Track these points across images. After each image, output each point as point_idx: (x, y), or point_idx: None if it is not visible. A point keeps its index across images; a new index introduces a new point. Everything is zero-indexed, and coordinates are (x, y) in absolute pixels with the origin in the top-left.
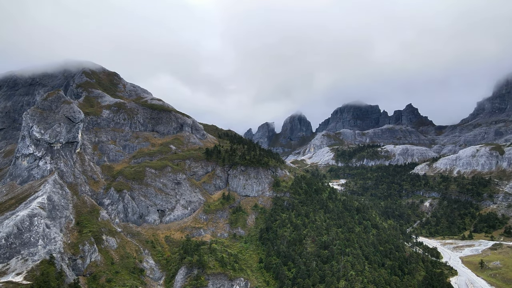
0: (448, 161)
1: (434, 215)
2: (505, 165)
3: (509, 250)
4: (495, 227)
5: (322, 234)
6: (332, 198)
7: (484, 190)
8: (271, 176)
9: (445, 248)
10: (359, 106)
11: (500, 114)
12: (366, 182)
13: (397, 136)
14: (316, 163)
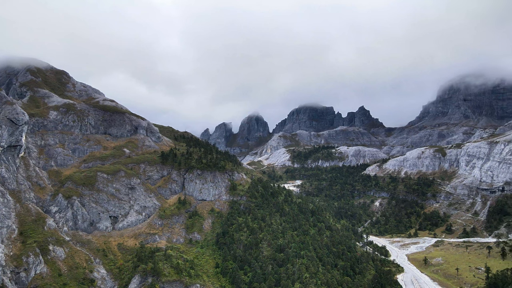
0: (397, 163)
1: (383, 214)
2: (447, 166)
3: (450, 246)
4: (438, 224)
5: (278, 237)
6: (288, 201)
7: (428, 190)
8: (228, 180)
9: (393, 246)
10: (315, 108)
11: (443, 117)
12: (321, 183)
13: (350, 138)
14: (273, 164)
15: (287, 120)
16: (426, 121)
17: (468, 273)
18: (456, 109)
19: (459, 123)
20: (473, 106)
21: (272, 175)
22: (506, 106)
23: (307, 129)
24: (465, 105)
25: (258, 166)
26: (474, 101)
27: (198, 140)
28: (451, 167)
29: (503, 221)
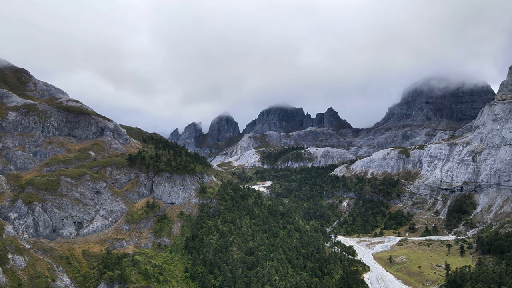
0: (364, 163)
1: (351, 214)
2: (410, 167)
3: (413, 245)
4: (402, 223)
5: (248, 240)
6: (258, 204)
7: (393, 190)
8: (198, 183)
9: (360, 245)
10: (285, 109)
11: (407, 119)
12: (291, 184)
13: (319, 138)
14: (243, 165)
15: (257, 121)
16: (391, 123)
17: (429, 271)
18: (419, 111)
19: (422, 125)
20: (434, 108)
21: (242, 176)
22: (464, 109)
23: (277, 130)
24: (427, 107)
25: (228, 167)
26: (436, 104)
27: (167, 141)
28: (415, 168)
29: (461, 219)
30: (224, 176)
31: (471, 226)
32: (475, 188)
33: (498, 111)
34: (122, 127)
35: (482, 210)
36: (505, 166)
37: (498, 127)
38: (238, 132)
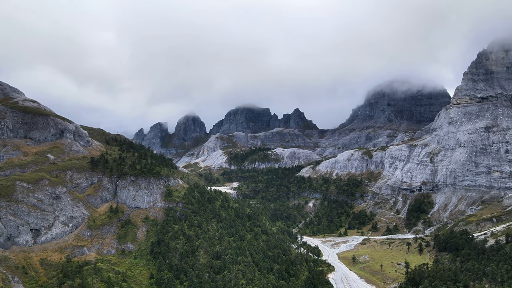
0: (329, 164)
1: (316, 215)
2: (373, 168)
3: (375, 244)
4: (365, 223)
5: (214, 244)
6: (225, 206)
7: (356, 190)
8: (164, 186)
9: (325, 245)
10: (252, 109)
11: (370, 120)
12: (258, 185)
13: (286, 139)
14: (210, 166)
15: (224, 121)
16: (355, 124)
17: (390, 269)
18: (382, 113)
19: (384, 126)
20: (396, 110)
21: (209, 177)
22: (423, 112)
23: (244, 130)
24: (389, 109)
25: (195, 168)
26: (397, 106)
27: (132, 143)
28: (377, 169)
29: (420, 218)
30: (190, 178)
31: (429, 224)
32: (432, 188)
33: (454, 115)
34: (83, 128)
35: (439, 209)
36: (460, 167)
37: (453, 129)
38: (205, 132)
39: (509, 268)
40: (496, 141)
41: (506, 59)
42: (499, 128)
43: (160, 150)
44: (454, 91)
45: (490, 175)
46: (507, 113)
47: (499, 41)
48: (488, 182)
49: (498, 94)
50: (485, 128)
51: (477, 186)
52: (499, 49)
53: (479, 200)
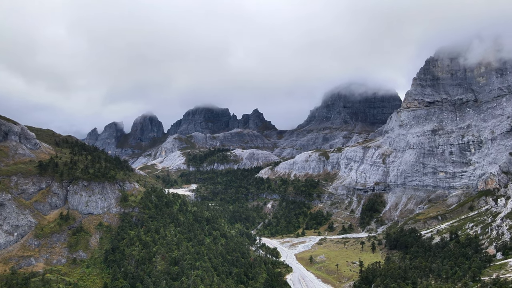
0: (287, 166)
1: (275, 216)
2: (330, 169)
3: (331, 243)
4: (322, 223)
5: (172, 250)
6: (183, 210)
7: (314, 191)
8: (119, 191)
9: (283, 246)
10: (211, 109)
11: (327, 122)
12: (216, 187)
13: (245, 140)
14: (168, 167)
15: (183, 121)
16: (312, 125)
17: (346, 268)
18: (338, 115)
19: (340, 128)
20: (351, 112)
21: (167, 179)
22: (376, 114)
23: (203, 130)
24: (345, 111)
25: (152, 170)
26: (352, 108)
27: (85, 145)
28: (333, 169)
29: (373, 217)
30: (147, 181)
31: (381, 223)
32: (384, 188)
33: (404, 118)
34: (31, 129)
35: (390, 208)
36: (409, 167)
37: (403, 132)
38: (163, 133)
39: (453, 265)
40: (441, 144)
41: (451, 66)
42: (444, 131)
43: (115, 150)
44: (405, 95)
45: (436, 176)
46: (451, 117)
47: (445, 49)
48: (434, 182)
49: (443, 99)
50: (432, 131)
51: (424, 186)
52: (444, 57)
53: (426, 199)
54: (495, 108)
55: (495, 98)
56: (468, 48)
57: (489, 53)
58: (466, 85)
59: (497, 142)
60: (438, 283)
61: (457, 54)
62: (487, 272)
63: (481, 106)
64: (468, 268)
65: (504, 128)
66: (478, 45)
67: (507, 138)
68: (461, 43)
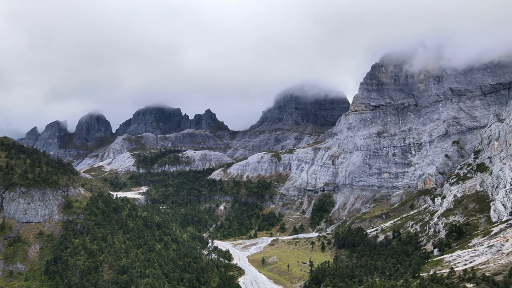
0: (240, 167)
1: (227, 218)
2: (281, 170)
3: (283, 244)
4: (274, 224)
5: (121, 257)
6: (133, 216)
7: (266, 192)
8: (62, 197)
9: (236, 249)
10: (162, 108)
11: (279, 123)
12: (168, 189)
13: (197, 141)
14: (116, 169)
15: (132, 121)
16: (265, 126)
17: (297, 268)
18: (289, 116)
19: (292, 129)
20: (302, 114)
21: (115, 182)
22: (326, 116)
23: (154, 131)
24: (296, 112)
25: (99, 172)
26: (303, 110)
27: (23, 147)
28: (285, 171)
29: (323, 217)
30: (94, 184)
31: (330, 223)
32: (334, 188)
33: (352, 121)
34: None
35: (339, 208)
36: (357, 168)
37: (351, 134)
38: (111, 132)
39: (395, 262)
40: (385, 146)
41: (394, 72)
42: (388, 134)
43: (58, 151)
44: (352, 99)
45: (381, 176)
46: (394, 120)
47: (389, 56)
48: (379, 182)
49: (387, 103)
50: (377, 133)
51: (370, 186)
52: (388, 63)
53: (372, 198)
54: (432, 112)
55: (433, 104)
56: (413, 55)
57: (431, 61)
58: (407, 90)
59: (434, 144)
60: (382, 281)
61: (403, 61)
62: (425, 268)
63: (420, 110)
64: (409, 265)
65: (440, 131)
66: (422, 52)
67: (443, 141)
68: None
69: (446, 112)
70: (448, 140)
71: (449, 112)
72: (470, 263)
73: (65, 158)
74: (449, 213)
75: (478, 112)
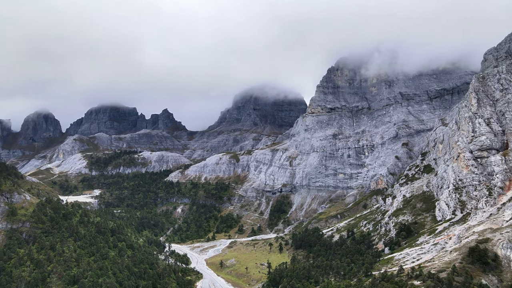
0: (198, 168)
1: (185, 220)
2: (240, 171)
3: (241, 246)
4: (232, 226)
5: (71, 267)
6: (84, 222)
7: (224, 194)
8: (5, 204)
9: (193, 252)
10: (117, 108)
11: (237, 123)
12: (123, 192)
13: (154, 141)
14: (66, 172)
15: (84, 120)
16: (223, 126)
17: (255, 270)
18: (248, 117)
19: (250, 130)
20: (260, 115)
21: (65, 185)
22: (284, 117)
23: (108, 131)
24: (255, 113)
25: (48, 175)
26: (262, 111)
27: None
28: (243, 172)
29: (281, 218)
30: (41, 189)
31: (288, 223)
32: (291, 189)
33: (309, 122)
34: None
35: (296, 209)
36: (313, 169)
37: (308, 136)
38: (60, 132)
39: (349, 261)
40: (341, 147)
41: (349, 76)
42: (343, 136)
43: (1, 152)
44: (310, 101)
45: (336, 177)
46: (349, 123)
47: (345, 60)
48: (334, 182)
49: (342, 106)
50: (333, 135)
51: (326, 187)
52: (343, 67)
53: (328, 199)
54: (384, 115)
55: (384, 107)
56: (369, 60)
57: (386, 66)
58: (361, 94)
59: (385, 146)
60: (337, 280)
61: (359, 65)
62: (377, 267)
63: (373, 113)
64: (362, 264)
65: (391, 134)
66: (378, 57)
67: (394, 143)
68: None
69: (397, 115)
70: (398, 142)
71: (399, 115)
72: (417, 260)
73: (8, 160)
74: (399, 213)
75: (425, 115)
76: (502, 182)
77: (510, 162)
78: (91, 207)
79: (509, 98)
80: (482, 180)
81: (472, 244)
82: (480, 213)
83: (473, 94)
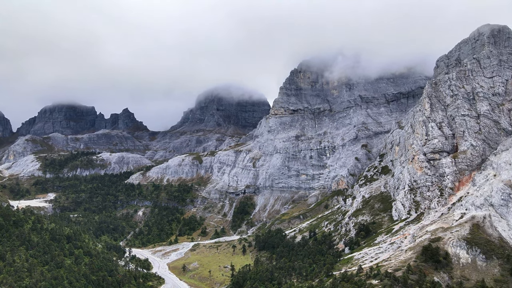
0: (160, 170)
1: (146, 224)
2: (203, 173)
3: (204, 249)
4: (195, 228)
5: (23, 277)
6: (37, 229)
7: (187, 195)
8: None
9: (155, 256)
10: (74, 106)
11: (201, 124)
12: (80, 196)
13: (114, 142)
14: (17, 174)
15: (38, 119)
16: (186, 127)
17: (218, 273)
18: (211, 117)
19: (213, 130)
20: (224, 115)
21: (16, 189)
22: (247, 117)
23: (64, 131)
24: (218, 114)
25: None
26: (225, 111)
27: None
28: (207, 173)
29: (244, 219)
30: None
31: (251, 225)
32: (254, 190)
33: (272, 124)
34: None
35: (260, 210)
36: (276, 171)
37: (272, 137)
38: (11, 132)
39: (311, 262)
40: (303, 148)
41: (311, 78)
42: (306, 137)
43: None
44: (273, 103)
45: (299, 178)
46: (311, 124)
47: (307, 63)
48: (297, 183)
49: (305, 107)
50: (295, 137)
51: (289, 188)
52: (306, 69)
53: (290, 199)
54: (345, 118)
55: (345, 109)
56: (333, 63)
57: (349, 69)
58: (323, 96)
59: (346, 147)
60: (300, 281)
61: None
62: (338, 267)
63: (334, 115)
64: (323, 265)
65: (351, 135)
66: (342, 61)
67: (354, 145)
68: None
69: (356, 118)
70: (358, 143)
71: (359, 117)
72: (375, 260)
73: None
74: (358, 213)
75: (383, 118)
76: (452, 183)
77: (460, 164)
78: (45, 212)
79: (458, 103)
80: (434, 181)
81: (425, 243)
82: (432, 212)
83: (426, 99)
